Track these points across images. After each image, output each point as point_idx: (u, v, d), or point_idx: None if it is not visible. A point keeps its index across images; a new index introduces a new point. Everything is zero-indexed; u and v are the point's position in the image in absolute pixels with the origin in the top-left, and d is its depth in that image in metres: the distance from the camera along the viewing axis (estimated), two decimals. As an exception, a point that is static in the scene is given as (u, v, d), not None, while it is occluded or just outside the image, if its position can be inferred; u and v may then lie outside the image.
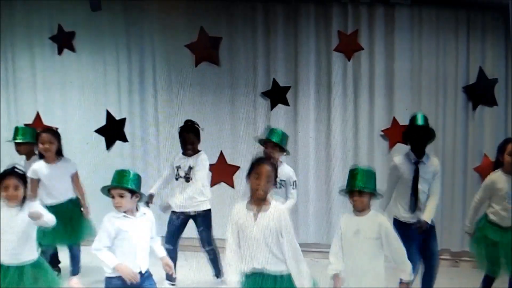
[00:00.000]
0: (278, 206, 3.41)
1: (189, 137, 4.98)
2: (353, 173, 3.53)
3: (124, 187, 3.58)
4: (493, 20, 5.92)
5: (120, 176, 3.62)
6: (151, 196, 5.09)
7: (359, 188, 3.45)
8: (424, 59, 6.09)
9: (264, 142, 4.80)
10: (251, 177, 3.31)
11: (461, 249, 5.96)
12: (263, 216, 3.29)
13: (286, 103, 6.28)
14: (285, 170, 4.75)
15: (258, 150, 4.95)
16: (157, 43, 6.42)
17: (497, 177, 4.49)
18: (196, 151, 5.03)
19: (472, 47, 6.01)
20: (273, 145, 4.70)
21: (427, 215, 4.44)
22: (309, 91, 6.26)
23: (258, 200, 3.32)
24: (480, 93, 6.00)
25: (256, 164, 3.33)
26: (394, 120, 6.10)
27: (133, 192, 3.63)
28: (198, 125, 5.11)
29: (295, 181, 4.80)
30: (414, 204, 4.48)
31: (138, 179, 3.69)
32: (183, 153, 5.05)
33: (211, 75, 6.36)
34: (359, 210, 3.53)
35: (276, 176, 3.38)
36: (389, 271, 3.63)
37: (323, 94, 6.26)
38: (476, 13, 5.95)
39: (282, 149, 4.75)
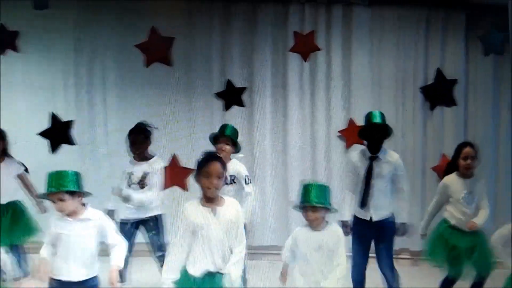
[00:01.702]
0: (231, 199, 3.31)
1: (137, 139, 4.67)
2: (306, 188, 3.44)
3: (62, 190, 3.30)
4: (453, 20, 5.97)
5: (57, 179, 3.32)
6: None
7: (313, 203, 3.36)
8: (383, 60, 6.10)
9: (215, 138, 4.63)
10: (200, 176, 3.15)
11: (421, 248, 5.90)
12: (221, 211, 3.16)
13: (241, 104, 6.14)
14: (234, 165, 4.56)
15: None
16: (108, 42, 6.17)
17: (451, 180, 4.46)
18: (145, 155, 4.71)
19: (431, 47, 6.05)
20: (226, 140, 4.55)
21: (403, 216, 4.36)
22: (265, 92, 6.17)
23: (210, 199, 3.18)
24: (438, 93, 6.04)
25: (204, 163, 3.16)
26: (351, 120, 6.05)
27: (74, 192, 3.35)
28: (150, 126, 4.79)
29: (247, 175, 4.58)
30: (364, 199, 4.33)
31: (77, 177, 3.38)
32: (133, 157, 4.72)
33: (165, 75, 6.17)
34: (314, 225, 3.44)
35: (225, 171, 3.23)
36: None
37: (280, 95, 6.19)
38: (436, 12, 5.98)
39: (234, 144, 4.60)
